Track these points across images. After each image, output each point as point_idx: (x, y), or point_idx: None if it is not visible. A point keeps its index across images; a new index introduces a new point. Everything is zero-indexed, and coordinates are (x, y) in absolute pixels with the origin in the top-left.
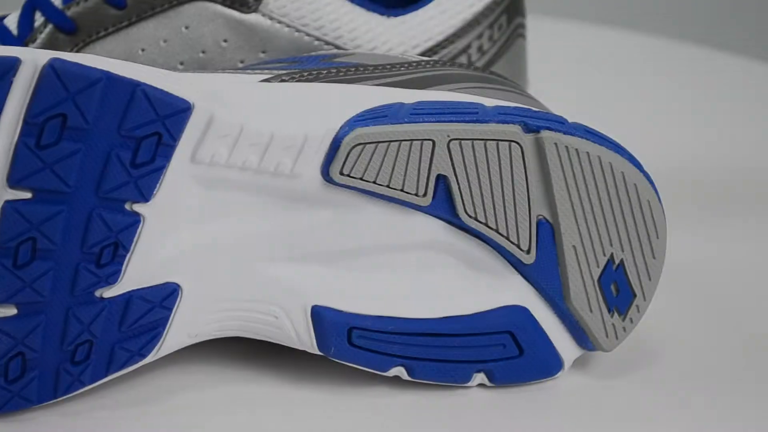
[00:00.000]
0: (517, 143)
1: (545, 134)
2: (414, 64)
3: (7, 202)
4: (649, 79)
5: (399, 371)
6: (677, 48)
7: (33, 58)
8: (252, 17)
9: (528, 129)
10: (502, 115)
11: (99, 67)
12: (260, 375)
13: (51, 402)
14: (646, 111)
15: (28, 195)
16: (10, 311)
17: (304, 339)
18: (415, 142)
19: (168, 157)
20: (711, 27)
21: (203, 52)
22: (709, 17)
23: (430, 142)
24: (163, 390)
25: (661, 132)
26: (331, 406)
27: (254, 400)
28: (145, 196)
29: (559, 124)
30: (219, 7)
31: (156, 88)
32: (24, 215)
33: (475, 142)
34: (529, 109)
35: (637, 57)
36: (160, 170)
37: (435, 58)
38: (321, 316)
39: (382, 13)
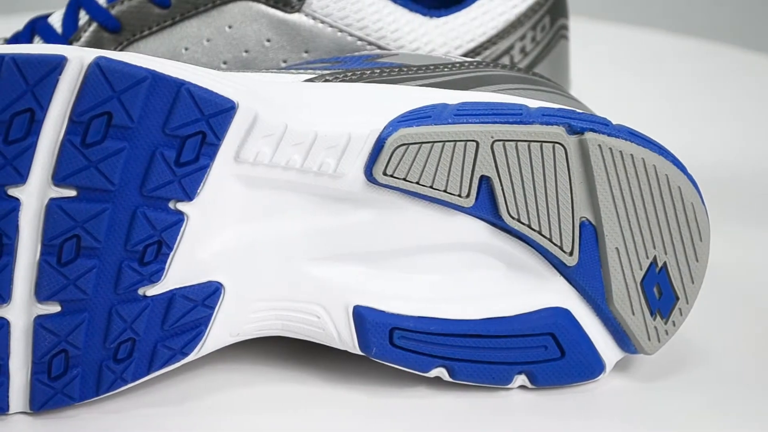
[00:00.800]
0: (561, 145)
1: (589, 136)
2: (457, 65)
3: (52, 199)
4: (691, 81)
5: (440, 372)
6: (719, 50)
7: (79, 57)
8: (295, 17)
9: (572, 131)
10: (546, 117)
11: (144, 65)
12: (301, 374)
13: (93, 399)
14: (689, 113)
15: (73, 193)
16: (54, 308)
17: (346, 339)
18: (458, 142)
19: (212, 156)
20: (749, 29)
21: (246, 51)
22: (747, 19)
23: (474, 143)
24: (203, 389)
25: (703, 134)
26: (372, 407)
27: (294, 399)
28: (188, 195)
29: (603, 126)
30: (262, 7)
31: (201, 87)
32: (69, 213)
33: (518, 143)
34: (573, 110)
35: (679, 59)
36: (204, 169)
37: (478, 59)
38: (363, 317)
39: (424, 14)
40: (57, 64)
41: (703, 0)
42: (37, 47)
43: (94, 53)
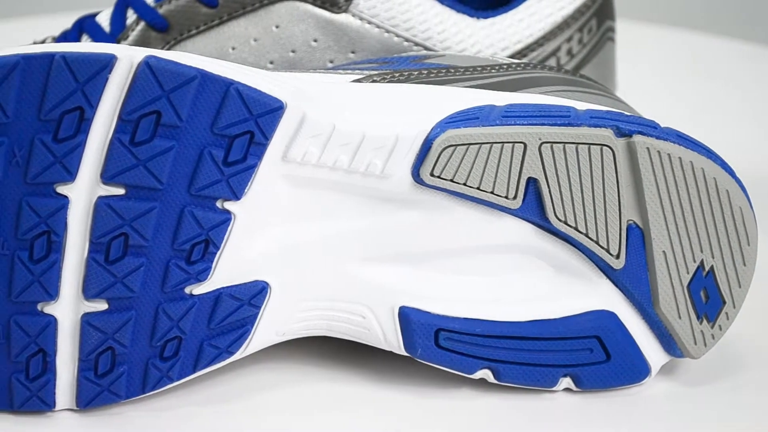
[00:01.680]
0: (609, 147)
1: (637, 139)
2: (504, 66)
3: (101, 198)
4: (738, 83)
5: (485, 374)
6: (764, 52)
7: (129, 55)
8: (342, 17)
9: (620, 133)
10: (594, 119)
11: (193, 65)
12: (345, 374)
13: (139, 397)
14: (736, 115)
15: (121, 191)
16: (101, 306)
17: (391, 340)
18: (506, 144)
19: (260, 155)
20: None
21: (293, 51)
22: None
23: (522, 145)
24: (249, 388)
25: (751, 136)
26: (416, 408)
27: (338, 399)
28: (236, 194)
29: (651, 128)
30: (309, 7)
31: (249, 87)
32: (117, 211)
33: (566, 145)
34: (621, 113)
35: (725, 62)
36: (251, 169)
37: (524, 60)
38: (408, 317)
39: (471, 15)
40: (107, 63)
41: (748, 3)
42: (87, 46)
43: (143, 52)
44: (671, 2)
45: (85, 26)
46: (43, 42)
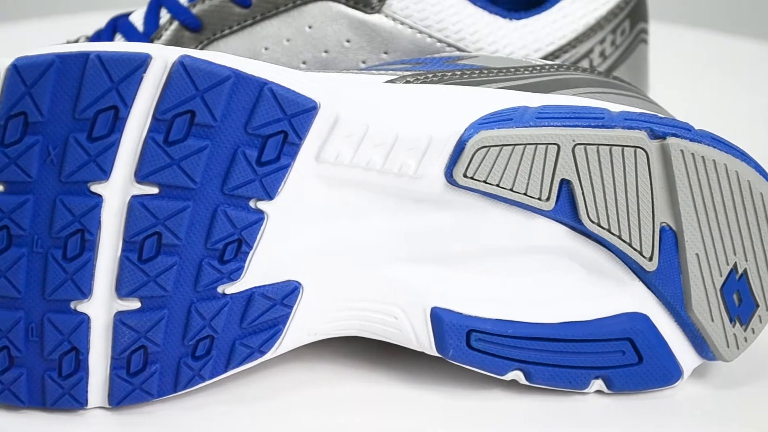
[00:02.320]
0: (643, 149)
1: (671, 141)
2: (538, 67)
3: (134, 197)
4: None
5: (516, 375)
6: None
7: (163, 55)
8: (375, 18)
9: (654, 135)
10: (628, 121)
11: (228, 64)
12: (376, 375)
13: (171, 396)
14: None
15: (155, 190)
16: (134, 305)
17: (423, 340)
18: (539, 146)
19: (293, 155)
20: None
21: (326, 51)
22: None
23: (555, 147)
24: (279, 387)
25: None
26: (447, 408)
27: (370, 399)
28: (269, 194)
29: (685, 131)
30: (343, 7)
31: (283, 87)
32: (150, 210)
33: (600, 147)
34: (655, 115)
35: (759, 64)
36: (285, 169)
37: (557, 62)
38: (440, 318)
39: (504, 16)
40: (142, 62)
41: None
42: (122, 45)
43: (178, 52)
44: (704, 4)
45: (119, 26)
46: (76, 41)
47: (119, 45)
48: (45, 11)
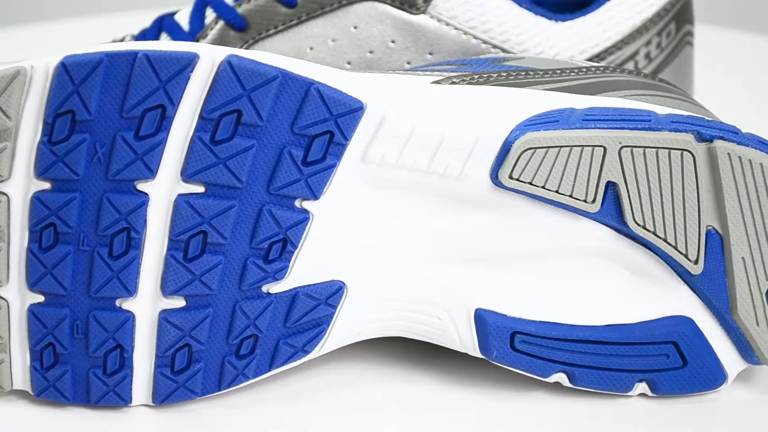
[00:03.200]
0: (690, 152)
1: (718, 144)
2: (584, 69)
3: (180, 195)
4: None
5: (560, 378)
6: None
7: (211, 54)
8: (420, 18)
9: (701, 138)
10: (675, 124)
11: (275, 64)
12: (420, 375)
13: (214, 394)
14: None
15: (201, 189)
16: (179, 303)
17: (466, 342)
18: (586, 148)
19: (339, 156)
20: None
21: (371, 52)
22: None
23: (602, 149)
24: (321, 387)
25: None
26: (490, 410)
27: (412, 400)
28: (315, 194)
29: (732, 134)
30: (388, 8)
31: (330, 87)
32: (196, 209)
33: (646, 149)
34: (702, 118)
35: None
36: (330, 169)
37: (603, 64)
38: (484, 320)
39: (549, 18)
40: (189, 61)
41: None
42: (170, 44)
43: (225, 51)
44: (750, 7)
45: (164, 25)
46: (122, 40)
47: (167, 44)
48: (91, 10)
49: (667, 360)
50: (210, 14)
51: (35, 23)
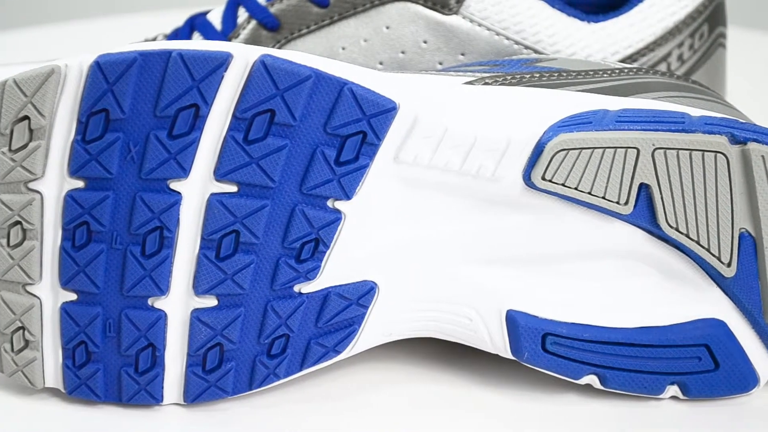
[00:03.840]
0: (724, 154)
1: (752, 146)
2: (617, 71)
3: (213, 194)
4: None
5: (591, 380)
6: None
7: (244, 54)
8: (452, 19)
9: (735, 140)
10: (708, 126)
11: (308, 64)
12: (449, 376)
13: (245, 394)
14: None
15: (233, 188)
16: (211, 302)
17: (498, 343)
18: (619, 149)
19: (371, 156)
20: None
21: (403, 52)
22: None
23: (635, 150)
24: (352, 387)
25: None
26: (521, 411)
27: (443, 401)
28: (347, 194)
29: (766, 136)
30: (420, 8)
31: (363, 87)
32: (229, 208)
33: (680, 151)
34: (735, 120)
35: None
36: (363, 169)
37: (635, 65)
38: (516, 321)
39: (582, 19)
40: (223, 61)
41: None
42: (203, 44)
43: (258, 51)
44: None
45: (197, 24)
46: (154, 39)
47: (201, 44)
48: (123, 9)
49: (699, 363)
50: (242, 14)
51: (68, 22)
